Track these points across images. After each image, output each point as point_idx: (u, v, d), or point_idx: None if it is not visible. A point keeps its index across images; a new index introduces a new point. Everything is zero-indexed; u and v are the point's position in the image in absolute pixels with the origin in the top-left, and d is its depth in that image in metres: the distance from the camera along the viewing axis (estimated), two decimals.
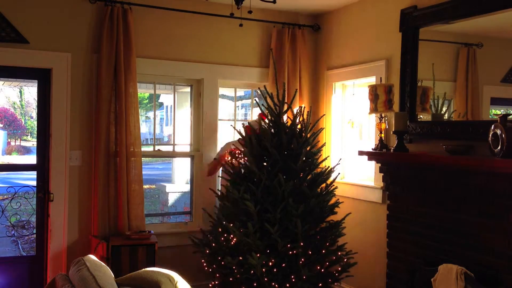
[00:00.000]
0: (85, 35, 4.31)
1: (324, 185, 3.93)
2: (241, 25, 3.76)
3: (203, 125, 4.83)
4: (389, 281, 3.85)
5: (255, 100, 5.36)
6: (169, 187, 8.71)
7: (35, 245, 4.40)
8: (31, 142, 11.74)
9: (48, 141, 4.24)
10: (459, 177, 3.22)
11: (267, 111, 3.89)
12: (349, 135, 4.96)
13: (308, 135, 3.88)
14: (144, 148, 4.58)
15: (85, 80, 4.32)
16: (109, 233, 4.28)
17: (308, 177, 3.82)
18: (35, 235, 4.41)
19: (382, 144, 3.91)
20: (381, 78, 4.22)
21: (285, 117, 4.00)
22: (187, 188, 5.19)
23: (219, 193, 4.12)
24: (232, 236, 3.63)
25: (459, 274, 2.99)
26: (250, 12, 3.66)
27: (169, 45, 4.64)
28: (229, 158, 4.25)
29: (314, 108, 5.01)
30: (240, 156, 4.15)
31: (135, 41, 4.35)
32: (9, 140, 12.32)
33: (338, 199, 4.03)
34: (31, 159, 4.72)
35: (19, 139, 12.59)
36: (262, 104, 3.98)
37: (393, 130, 3.68)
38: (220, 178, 4.64)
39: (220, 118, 4.96)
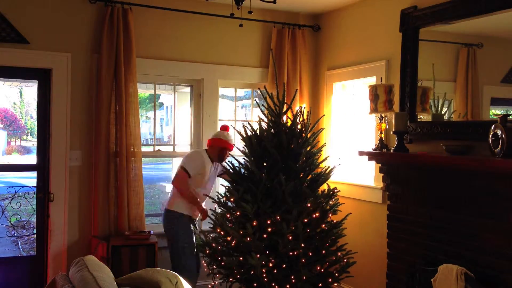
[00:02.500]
0: (85, 35, 4.31)
1: (326, 187, 3.93)
2: (241, 25, 3.76)
3: (203, 125, 4.83)
4: (389, 281, 3.84)
5: (255, 100, 5.36)
6: (169, 187, 8.69)
7: (35, 245, 4.40)
8: (31, 142, 11.72)
9: (48, 141, 4.24)
10: (459, 177, 3.22)
11: (267, 111, 3.89)
12: (349, 135, 4.96)
13: (308, 135, 3.87)
14: (144, 148, 4.59)
15: (85, 80, 4.32)
16: (109, 233, 4.28)
17: (309, 177, 3.82)
18: (35, 235, 4.40)
19: (382, 144, 3.91)
20: (381, 78, 4.22)
21: (285, 117, 4.00)
22: None
23: (217, 195, 4.07)
24: (232, 237, 3.63)
25: (459, 274, 2.99)
26: (250, 12, 3.66)
27: (169, 45, 4.65)
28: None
29: (314, 108, 5.01)
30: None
31: (135, 41, 4.35)
32: (9, 140, 12.31)
33: (338, 199, 4.03)
34: (31, 159, 4.71)
35: (19, 139, 12.57)
36: (262, 105, 3.98)
37: (393, 130, 3.68)
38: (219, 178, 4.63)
39: (220, 118, 4.97)
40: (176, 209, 4.13)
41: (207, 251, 3.87)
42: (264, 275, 3.48)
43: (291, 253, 3.52)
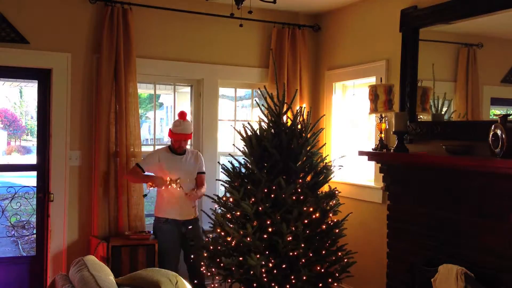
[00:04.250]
0: (85, 35, 4.31)
1: (327, 188, 3.93)
2: (241, 25, 3.76)
3: (203, 125, 4.83)
4: (389, 281, 3.85)
5: (255, 100, 5.36)
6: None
7: (35, 245, 4.40)
8: (31, 142, 11.73)
9: (48, 141, 4.24)
10: (459, 177, 3.22)
11: (267, 111, 3.89)
12: (349, 135, 4.96)
13: (308, 135, 3.87)
14: (144, 148, 4.59)
15: (85, 80, 4.32)
16: (109, 233, 4.28)
17: (309, 177, 3.82)
18: (35, 235, 4.41)
19: (382, 144, 3.91)
20: (381, 78, 4.22)
21: (285, 117, 4.00)
22: None
23: (217, 196, 4.07)
24: (232, 237, 3.63)
25: (459, 274, 2.99)
26: (250, 12, 3.66)
27: (169, 45, 4.65)
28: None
29: (314, 108, 5.01)
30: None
31: (135, 41, 4.35)
32: (9, 140, 12.33)
33: (339, 200, 4.03)
34: (31, 159, 4.71)
35: (19, 139, 12.60)
36: (262, 105, 3.98)
37: (393, 130, 3.68)
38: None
39: (220, 118, 4.97)
40: (157, 214, 4.27)
41: (205, 253, 3.86)
42: (264, 275, 3.48)
43: (291, 253, 3.52)
